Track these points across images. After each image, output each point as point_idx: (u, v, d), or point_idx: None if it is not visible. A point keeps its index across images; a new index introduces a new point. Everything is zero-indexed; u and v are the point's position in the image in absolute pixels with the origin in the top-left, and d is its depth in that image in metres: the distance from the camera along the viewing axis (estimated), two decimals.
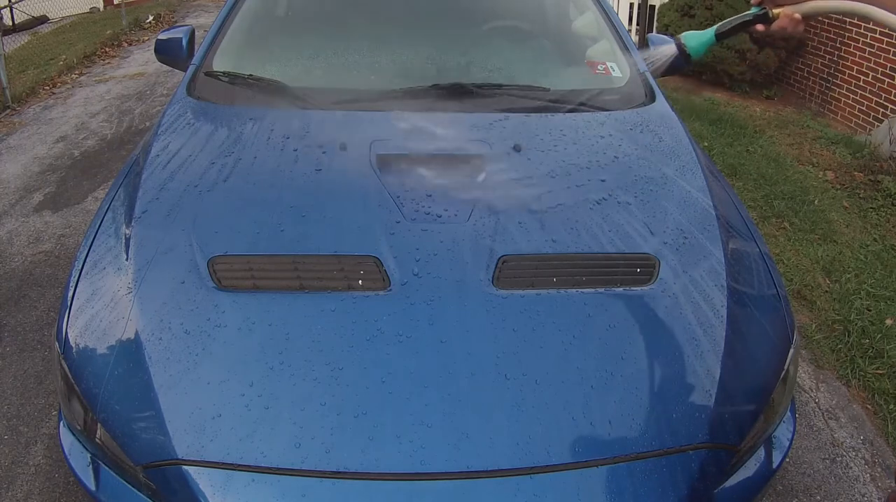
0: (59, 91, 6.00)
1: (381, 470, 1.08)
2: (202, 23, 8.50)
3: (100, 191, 3.79)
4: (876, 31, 4.83)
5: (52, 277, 2.91)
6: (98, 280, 1.40)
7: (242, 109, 1.90)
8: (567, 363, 1.22)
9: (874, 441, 2.16)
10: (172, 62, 2.35)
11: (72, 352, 1.29)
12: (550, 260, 1.41)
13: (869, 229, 3.50)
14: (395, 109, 1.87)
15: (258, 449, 1.09)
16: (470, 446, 1.10)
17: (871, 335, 2.60)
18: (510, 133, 1.79)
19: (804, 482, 1.99)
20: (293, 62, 2.12)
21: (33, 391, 2.25)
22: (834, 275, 3.04)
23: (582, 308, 1.32)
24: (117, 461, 1.20)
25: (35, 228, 3.37)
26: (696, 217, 1.57)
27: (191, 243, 1.42)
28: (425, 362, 1.20)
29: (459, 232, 1.45)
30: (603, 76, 2.15)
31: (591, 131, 1.86)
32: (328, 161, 1.66)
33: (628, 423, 1.15)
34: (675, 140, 1.86)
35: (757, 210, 3.63)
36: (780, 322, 1.45)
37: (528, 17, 2.46)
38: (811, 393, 2.35)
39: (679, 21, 6.00)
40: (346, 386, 1.17)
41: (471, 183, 1.60)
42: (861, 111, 5.07)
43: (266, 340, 1.24)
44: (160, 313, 1.29)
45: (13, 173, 4.08)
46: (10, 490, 1.89)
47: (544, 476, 1.09)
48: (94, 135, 4.79)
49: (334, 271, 1.36)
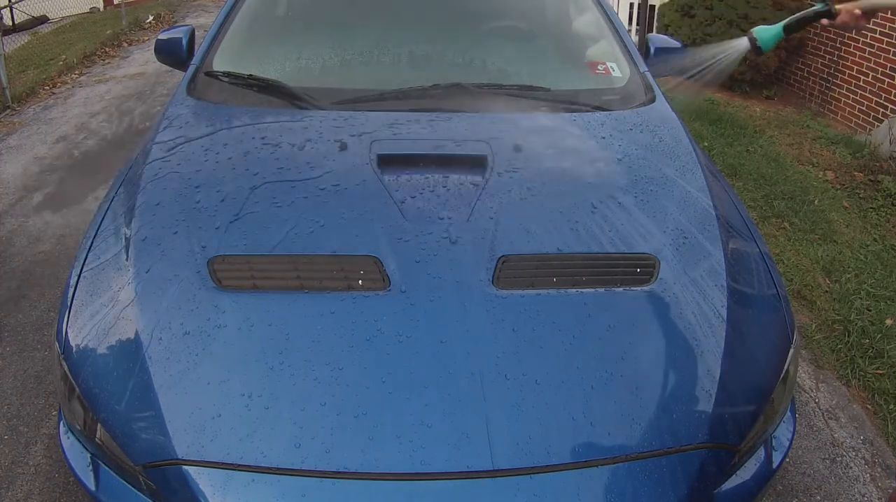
0: (59, 91, 6.00)
1: (381, 470, 1.08)
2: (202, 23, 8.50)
3: (100, 191, 3.79)
4: (876, 30, 4.83)
5: (52, 277, 2.91)
6: (98, 280, 1.40)
7: (242, 109, 1.90)
8: (567, 363, 1.22)
9: (874, 441, 2.16)
10: (172, 62, 2.35)
11: (72, 352, 1.29)
12: (550, 260, 1.41)
13: (869, 229, 3.50)
14: (396, 109, 1.87)
15: (258, 449, 1.09)
16: (470, 446, 1.10)
17: (871, 335, 2.60)
18: (510, 133, 1.79)
19: (804, 482, 1.99)
20: (293, 62, 2.11)
21: (33, 391, 2.25)
22: (834, 275, 3.04)
23: (582, 308, 1.32)
24: (117, 461, 1.20)
25: (35, 228, 3.37)
26: (696, 217, 1.57)
27: (191, 243, 1.42)
28: (425, 362, 1.20)
29: (459, 232, 1.45)
30: (603, 76, 2.15)
31: (591, 131, 1.86)
32: (328, 161, 1.66)
33: (628, 423, 1.15)
34: (675, 140, 1.86)
35: (757, 210, 3.63)
36: (780, 322, 1.45)
37: (528, 17, 2.46)
38: (811, 393, 2.35)
39: (679, 21, 5.99)
40: (346, 387, 1.17)
41: (471, 183, 1.60)
42: (861, 111, 5.07)
43: (266, 340, 1.24)
44: (160, 313, 1.29)
45: (13, 173, 4.08)
46: (10, 490, 1.89)
47: (544, 476, 1.09)
48: (94, 135, 4.79)
49: (334, 271, 1.36)
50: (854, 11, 1.30)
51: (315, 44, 2.18)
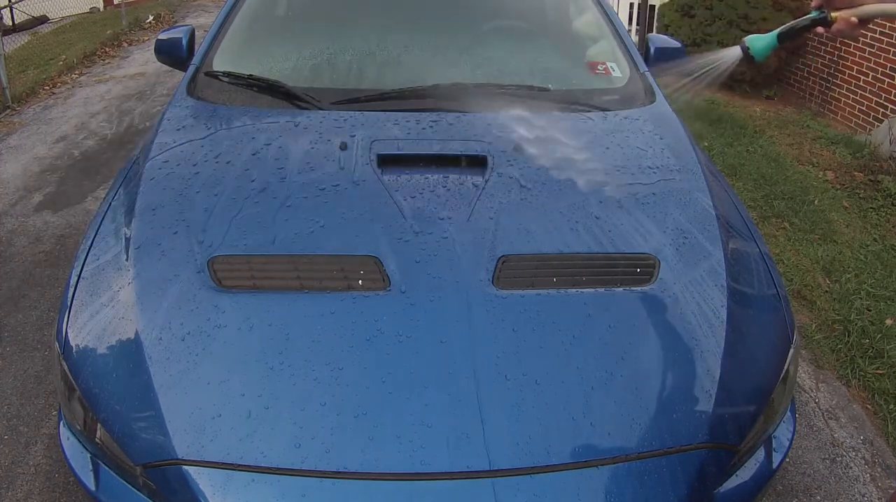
0: (59, 91, 6.00)
1: (381, 470, 1.08)
2: (202, 23, 8.50)
3: (100, 191, 3.79)
4: (876, 30, 4.83)
5: (52, 277, 2.92)
6: (98, 280, 1.40)
7: (242, 109, 1.90)
8: (567, 363, 1.22)
9: (874, 441, 2.16)
10: (172, 62, 2.36)
11: (72, 352, 1.29)
12: (550, 260, 1.41)
13: (869, 229, 3.50)
14: (396, 109, 1.87)
15: (258, 449, 1.09)
16: (470, 446, 1.10)
17: (871, 335, 2.60)
18: (510, 133, 1.79)
19: (804, 482, 1.99)
20: (293, 62, 2.11)
21: (33, 391, 2.25)
22: (834, 275, 3.04)
23: (582, 308, 1.32)
24: (117, 461, 1.20)
25: (35, 228, 3.37)
26: (696, 217, 1.57)
27: (191, 243, 1.42)
28: (425, 362, 1.20)
29: (459, 232, 1.45)
30: (603, 76, 2.15)
31: (591, 131, 1.86)
32: (328, 161, 1.66)
33: (628, 423, 1.15)
34: (676, 140, 1.86)
35: (757, 210, 3.63)
36: (780, 322, 1.45)
37: (528, 17, 2.46)
38: (811, 393, 2.35)
39: (679, 21, 6.00)
40: (346, 387, 1.17)
41: (471, 183, 1.60)
42: (861, 111, 5.07)
43: (266, 340, 1.24)
44: (160, 313, 1.29)
45: (13, 173, 4.08)
46: (11, 490, 1.89)
47: (544, 476, 1.08)
48: (94, 135, 4.79)
49: (334, 271, 1.36)
50: (850, 19, 1.27)
51: (315, 44, 2.18)
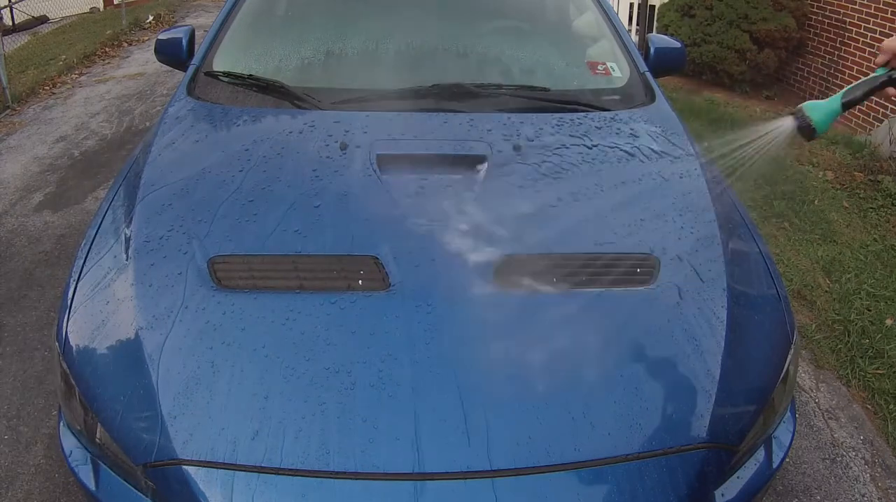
0: (60, 91, 6.00)
1: (381, 471, 1.08)
2: (202, 23, 8.50)
3: (100, 191, 3.79)
4: (876, 31, 4.83)
5: (52, 277, 2.92)
6: (98, 280, 1.40)
7: (242, 109, 1.90)
8: (567, 363, 1.22)
9: (874, 441, 2.16)
10: (172, 62, 2.35)
11: (72, 352, 1.29)
12: (550, 260, 1.41)
13: (869, 229, 3.50)
14: (396, 110, 1.87)
15: (258, 449, 1.09)
16: (470, 446, 1.10)
17: (871, 335, 2.60)
18: (510, 133, 1.79)
19: (804, 482, 1.99)
20: (293, 62, 2.11)
21: (33, 391, 2.25)
22: (834, 275, 3.04)
23: (582, 308, 1.32)
24: (117, 461, 1.20)
25: (35, 228, 3.37)
26: (696, 217, 1.57)
27: (191, 243, 1.42)
28: (425, 362, 1.20)
29: (459, 231, 1.45)
30: (603, 76, 2.15)
31: (591, 131, 1.86)
32: (328, 161, 1.66)
33: (628, 423, 1.15)
34: (676, 140, 1.86)
35: (757, 210, 3.63)
36: (780, 322, 1.45)
37: (528, 17, 2.46)
38: (811, 393, 2.35)
39: (679, 21, 5.99)
40: (347, 387, 1.16)
41: (471, 183, 1.60)
42: (861, 111, 5.07)
43: (266, 340, 1.23)
44: (160, 313, 1.29)
45: (13, 173, 4.08)
46: (10, 490, 1.89)
47: (544, 476, 1.08)
48: (94, 135, 4.79)
49: (334, 271, 1.36)
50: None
51: (315, 44, 2.18)
